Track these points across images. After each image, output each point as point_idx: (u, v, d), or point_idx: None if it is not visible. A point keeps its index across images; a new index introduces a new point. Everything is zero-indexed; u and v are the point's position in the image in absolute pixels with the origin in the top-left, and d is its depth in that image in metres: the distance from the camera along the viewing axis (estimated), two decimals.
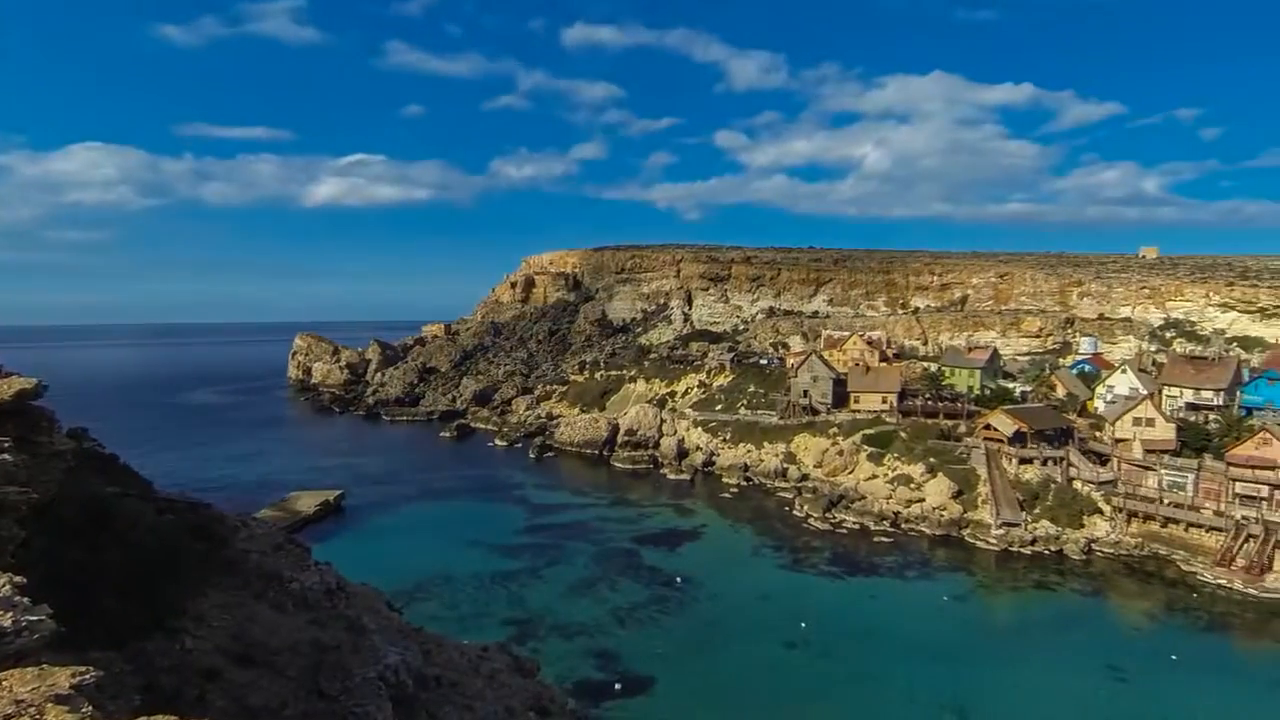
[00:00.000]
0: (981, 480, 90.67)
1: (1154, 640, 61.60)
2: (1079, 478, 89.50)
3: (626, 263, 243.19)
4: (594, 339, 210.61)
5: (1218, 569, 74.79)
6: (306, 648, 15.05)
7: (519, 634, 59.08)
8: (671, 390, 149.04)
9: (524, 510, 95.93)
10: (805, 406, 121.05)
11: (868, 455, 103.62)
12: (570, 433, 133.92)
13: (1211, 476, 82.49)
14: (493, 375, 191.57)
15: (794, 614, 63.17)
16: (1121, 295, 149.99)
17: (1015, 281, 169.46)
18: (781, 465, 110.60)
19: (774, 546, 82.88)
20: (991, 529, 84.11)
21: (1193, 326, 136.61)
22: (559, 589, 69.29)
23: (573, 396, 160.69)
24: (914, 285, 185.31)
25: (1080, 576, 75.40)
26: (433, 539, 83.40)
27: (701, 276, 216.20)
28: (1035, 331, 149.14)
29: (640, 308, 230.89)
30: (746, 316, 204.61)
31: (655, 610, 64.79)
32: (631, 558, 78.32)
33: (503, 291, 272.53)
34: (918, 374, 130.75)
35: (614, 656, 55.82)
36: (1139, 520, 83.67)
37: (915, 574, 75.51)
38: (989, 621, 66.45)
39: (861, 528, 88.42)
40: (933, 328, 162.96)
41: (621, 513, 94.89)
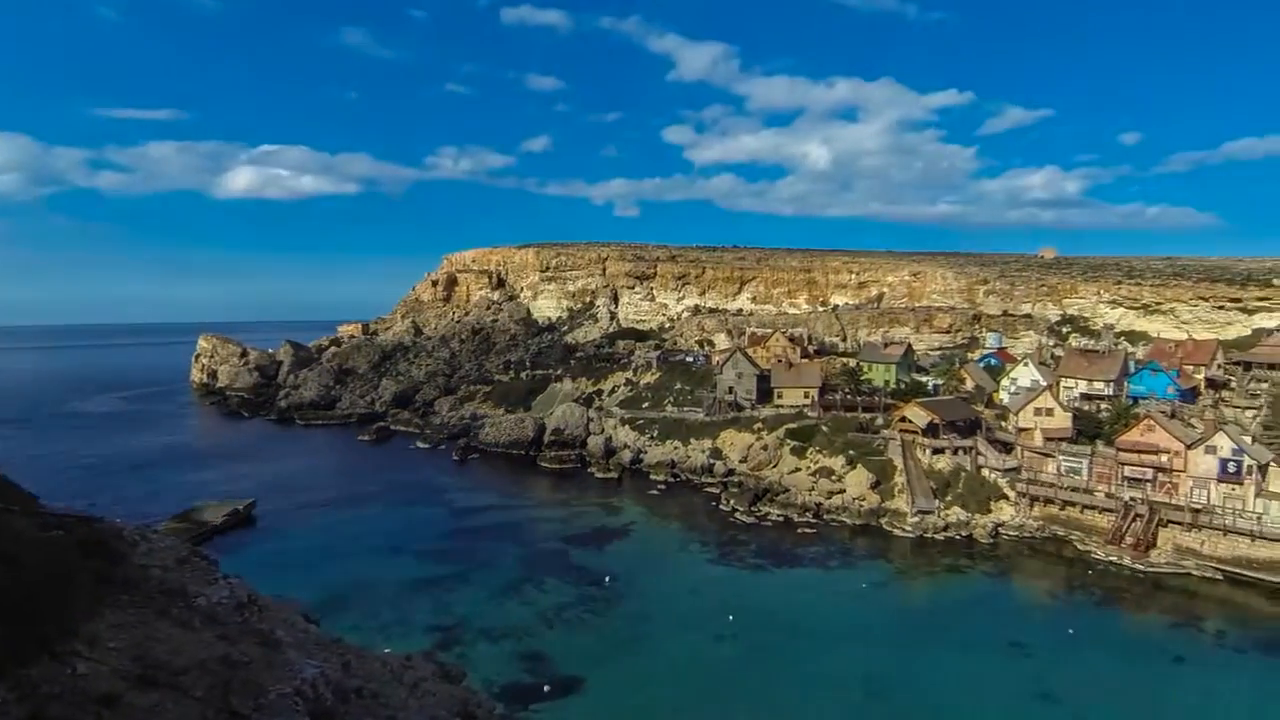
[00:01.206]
0: (898, 470, 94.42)
1: (1054, 616, 65.69)
2: (987, 465, 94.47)
3: (552, 261, 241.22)
4: (519, 338, 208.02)
5: (1109, 547, 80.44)
6: (215, 665, 14.13)
7: (444, 640, 57.75)
8: (598, 389, 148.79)
9: (448, 513, 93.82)
10: (731, 403, 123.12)
11: (791, 449, 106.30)
12: (496, 433, 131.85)
13: (1103, 461, 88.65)
14: (414, 376, 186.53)
15: (722, 607, 64.12)
16: (1023, 293, 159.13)
17: (927, 280, 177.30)
18: (708, 461, 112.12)
19: (701, 541, 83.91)
20: (907, 517, 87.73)
21: (1086, 322, 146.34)
22: (485, 593, 68.07)
23: (498, 396, 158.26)
24: (834, 283, 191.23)
25: (988, 559, 79.64)
26: (352, 546, 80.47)
27: (628, 275, 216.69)
28: (945, 327, 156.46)
29: (566, 306, 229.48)
30: (673, 314, 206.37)
31: (584, 610, 64.51)
32: (559, 558, 77.74)
33: (424, 290, 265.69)
34: (838, 369, 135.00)
35: (543, 658, 55.26)
36: (1040, 504, 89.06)
37: (837, 563, 77.93)
38: (906, 606, 69.24)
39: (786, 520, 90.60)
40: (851, 324, 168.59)
41: (549, 513, 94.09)
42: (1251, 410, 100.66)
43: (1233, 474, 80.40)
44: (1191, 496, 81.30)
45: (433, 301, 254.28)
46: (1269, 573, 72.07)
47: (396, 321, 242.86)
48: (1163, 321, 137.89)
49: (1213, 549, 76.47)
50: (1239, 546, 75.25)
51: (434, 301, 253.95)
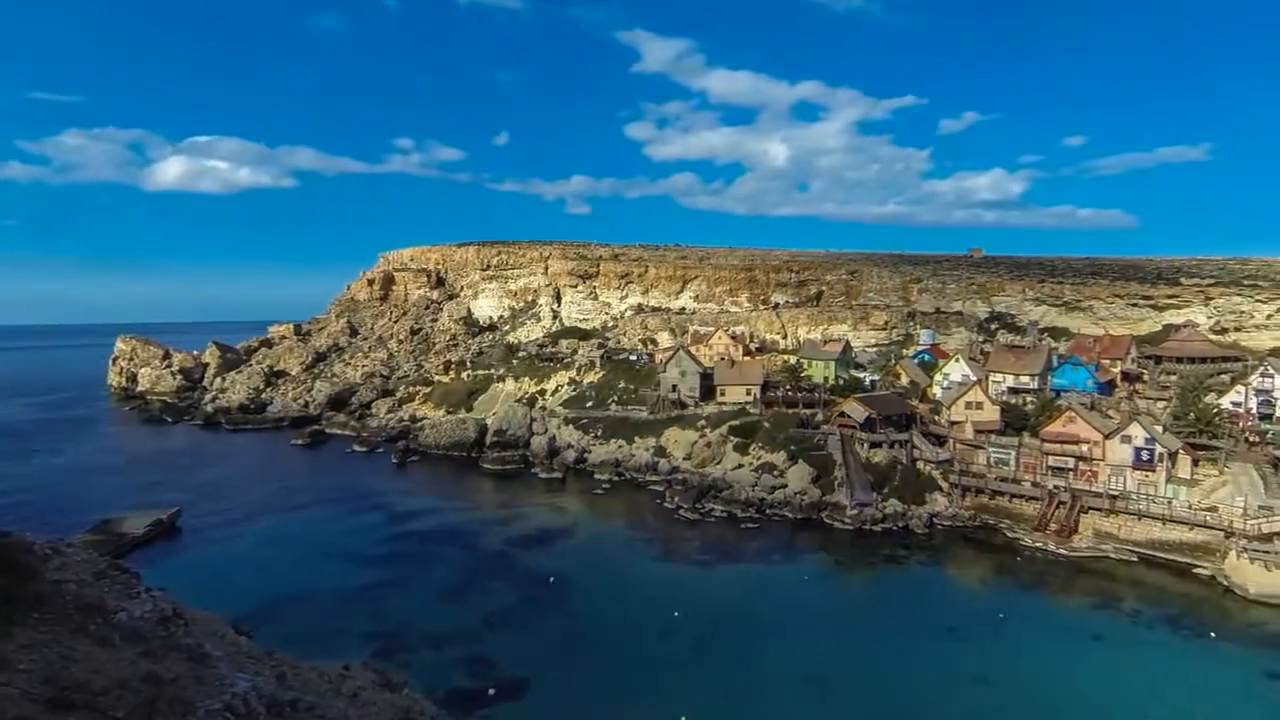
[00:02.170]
0: (837, 465, 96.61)
1: (985, 601, 68.28)
2: (921, 458, 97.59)
3: (493, 259, 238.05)
4: (459, 338, 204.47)
5: (1035, 534, 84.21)
6: (138, 684, 13.28)
7: (384, 648, 56.17)
8: (541, 388, 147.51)
9: (387, 518, 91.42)
10: (674, 401, 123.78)
11: (734, 445, 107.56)
12: (436, 435, 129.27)
13: (1029, 452, 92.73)
14: (349, 378, 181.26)
15: (667, 604, 64.34)
16: (954, 291, 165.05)
17: (864, 279, 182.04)
18: (652, 459, 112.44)
19: (646, 539, 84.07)
20: (847, 510, 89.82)
21: (1013, 318, 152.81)
22: (426, 598, 66.62)
23: (438, 398, 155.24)
24: (774, 282, 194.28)
25: (924, 548, 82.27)
26: (286, 554, 77.60)
27: (570, 274, 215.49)
28: (882, 325, 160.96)
29: (508, 305, 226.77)
30: (616, 313, 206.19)
31: (528, 611, 63.80)
32: (503, 560, 76.69)
33: (360, 289, 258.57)
34: (779, 366, 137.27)
35: (487, 663, 54.39)
36: (972, 494, 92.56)
37: (779, 557, 79.20)
38: (846, 596, 70.92)
39: (729, 516, 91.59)
40: (791, 322, 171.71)
41: (492, 515, 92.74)
42: (1162, 401, 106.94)
43: (1146, 462, 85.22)
44: (1109, 484, 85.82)
45: (369, 301, 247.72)
46: (1178, 554, 76.67)
47: (331, 321, 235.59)
48: (1082, 318, 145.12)
49: (1129, 533, 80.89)
50: (1152, 530, 79.80)
51: (370, 301, 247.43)
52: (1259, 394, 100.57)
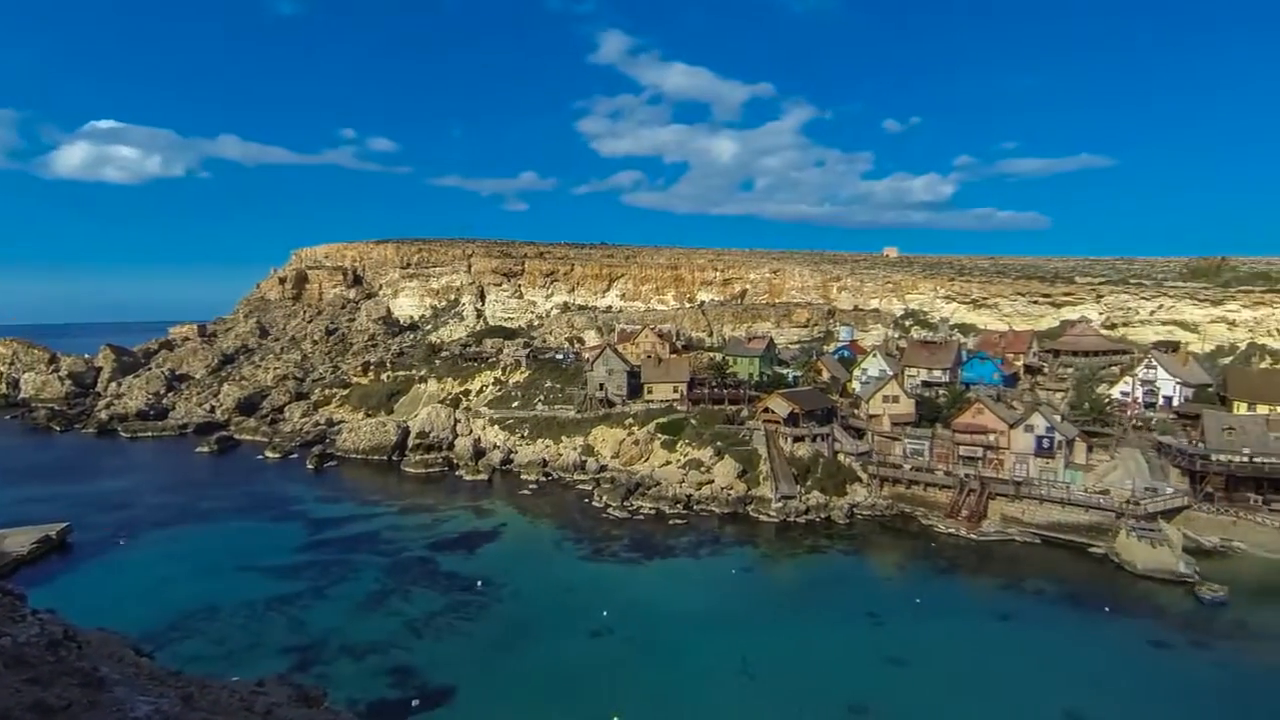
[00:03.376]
0: (762, 459, 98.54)
1: (902, 586, 71.04)
2: (842, 451, 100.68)
3: (413, 257, 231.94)
4: (378, 338, 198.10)
5: (948, 520, 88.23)
6: (25, 713, 12.09)
7: (302, 661, 53.80)
8: (465, 389, 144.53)
9: (303, 526, 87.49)
10: (602, 399, 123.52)
11: (661, 443, 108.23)
12: (355, 439, 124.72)
13: (942, 442, 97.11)
14: (260, 381, 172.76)
15: (596, 603, 64.08)
16: (871, 289, 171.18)
17: (786, 277, 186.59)
18: (580, 458, 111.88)
19: (575, 539, 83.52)
20: (772, 503, 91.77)
21: (925, 316, 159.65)
22: (346, 607, 64.10)
23: (356, 400, 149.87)
24: (700, 280, 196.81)
25: (845, 538, 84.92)
26: (192, 568, 73.13)
27: (494, 272, 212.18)
28: (803, 322, 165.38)
29: (430, 304, 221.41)
30: (541, 312, 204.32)
31: (455, 617, 62.30)
32: (427, 565, 74.64)
33: (270, 288, 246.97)
34: (705, 364, 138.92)
35: (411, 671, 52.77)
36: (889, 484, 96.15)
37: (707, 551, 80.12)
38: (772, 587, 72.35)
39: (658, 512, 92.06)
40: (717, 320, 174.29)
41: (415, 519, 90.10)
42: (1060, 392, 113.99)
43: (1046, 449, 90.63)
44: (1014, 471, 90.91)
45: (281, 300, 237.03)
46: (1076, 534, 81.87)
47: (239, 322, 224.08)
48: (988, 315, 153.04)
49: (1032, 516, 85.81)
50: (1053, 513, 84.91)
51: (282, 300, 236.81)
52: (1144, 384, 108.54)
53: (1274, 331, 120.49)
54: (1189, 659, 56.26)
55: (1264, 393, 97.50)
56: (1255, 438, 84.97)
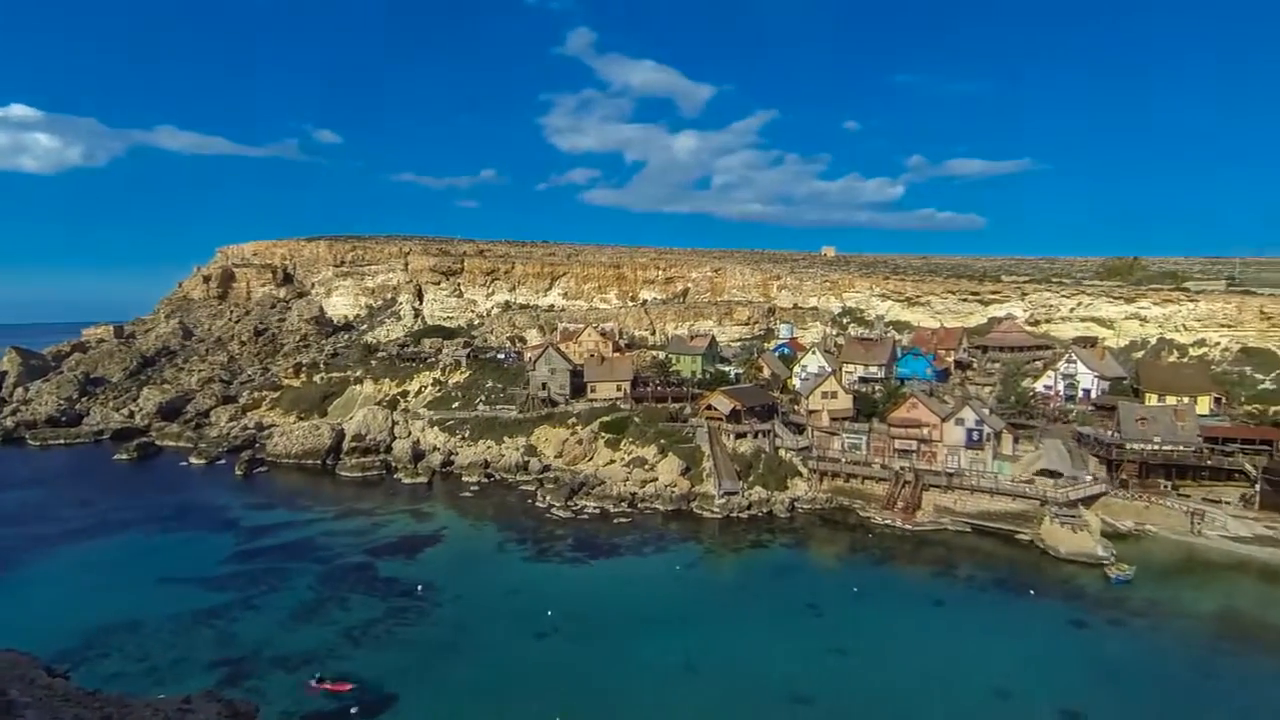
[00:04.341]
0: (705, 456, 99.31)
1: (842, 577, 72.68)
2: (783, 446, 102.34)
3: (347, 255, 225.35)
4: (311, 338, 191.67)
5: (885, 512, 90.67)
6: None
7: (232, 675, 51.54)
8: (403, 390, 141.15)
9: (232, 535, 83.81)
10: (544, 399, 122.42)
11: (605, 442, 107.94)
12: (286, 443, 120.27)
13: (878, 437, 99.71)
14: (184, 384, 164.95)
15: (541, 604, 63.41)
16: (810, 288, 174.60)
17: (728, 276, 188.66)
18: (523, 458, 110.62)
19: (518, 540, 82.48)
20: (715, 499, 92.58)
21: (862, 313, 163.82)
22: (279, 617, 61.67)
23: (288, 403, 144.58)
24: (642, 279, 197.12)
25: (787, 532, 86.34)
26: (109, 583, 69.20)
27: (432, 270, 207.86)
28: (745, 320, 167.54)
29: (365, 303, 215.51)
30: (482, 311, 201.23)
31: (395, 623, 60.67)
32: (365, 572, 72.48)
33: (194, 287, 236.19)
34: (648, 362, 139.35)
35: (348, 680, 51.09)
36: (829, 478, 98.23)
37: (652, 549, 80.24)
38: (716, 582, 72.91)
39: (602, 511, 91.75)
40: (659, 318, 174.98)
41: (352, 524, 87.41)
42: (988, 386, 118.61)
43: (976, 441, 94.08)
44: (946, 463, 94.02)
45: (205, 299, 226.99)
46: (1004, 522, 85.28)
47: (160, 323, 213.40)
48: (922, 312, 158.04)
49: (963, 506, 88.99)
50: (982, 502, 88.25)
51: (207, 299, 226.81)
52: (1064, 378, 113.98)
53: (1181, 327, 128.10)
54: (1106, 636, 59.27)
55: (1173, 384, 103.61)
56: (1165, 427, 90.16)
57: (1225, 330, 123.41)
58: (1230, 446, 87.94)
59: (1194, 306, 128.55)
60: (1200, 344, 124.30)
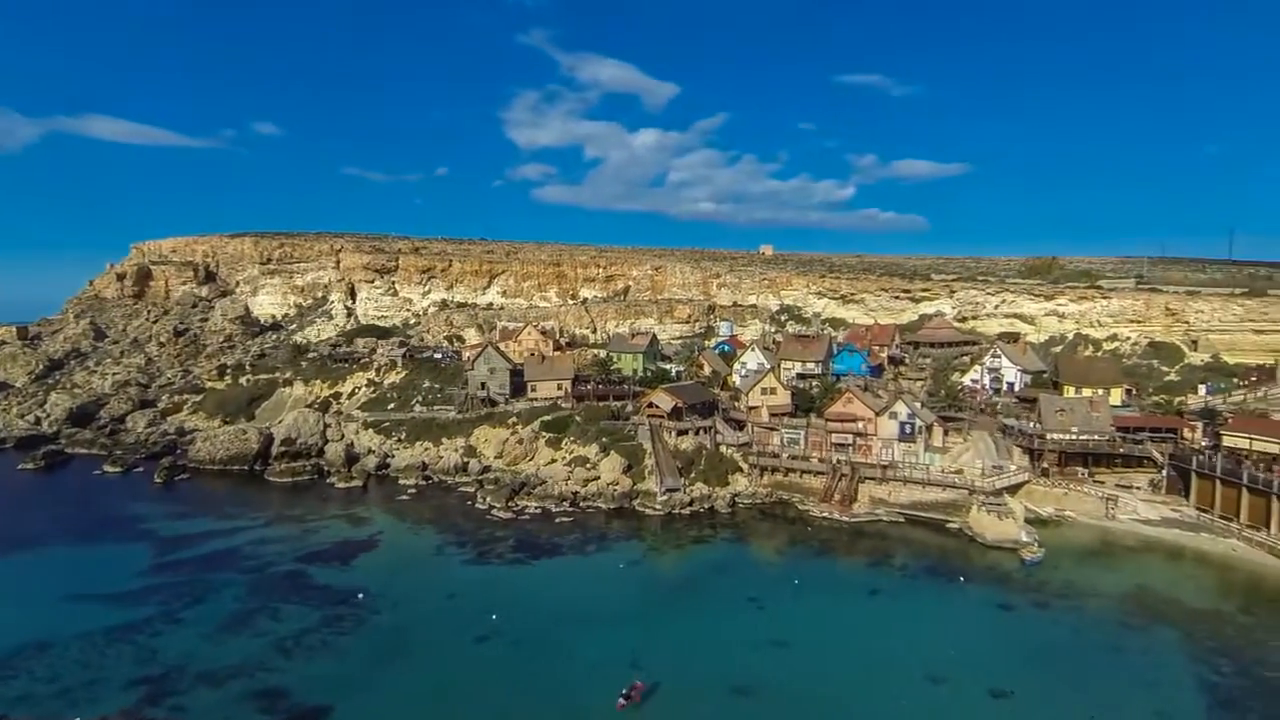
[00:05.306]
0: (647, 453, 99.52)
1: (782, 570, 73.96)
2: (724, 443, 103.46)
3: (274, 252, 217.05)
4: (236, 339, 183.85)
5: (823, 505, 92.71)
6: None
7: (152, 694, 48.86)
8: (336, 392, 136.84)
9: (150, 546, 79.42)
10: (484, 399, 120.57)
11: (546, 441, 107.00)
12: (210, 448, 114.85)
13: (816, 431, 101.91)
14: (96, 388, 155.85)
15: (483, 607, 62.33)
16: (749, 286, 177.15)
17: (668, 274, 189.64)
18: (462, 460, 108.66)
19: (458, 543, 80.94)
20: (657, 496, 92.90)
21: (799, 311, 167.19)
22: (204, 630, 58.78)
23: (211, 406, 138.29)
24: (582, 277, 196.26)
25: (728, 527, 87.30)
26: (15, 600, 64.72)
27: (366, 268, 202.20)
28: (685, 318, 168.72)
29: (294, 302, 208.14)
30: (418, 310, 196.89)
31: (330, 632, 58.61)
32: (297, 580, 69.83)
33: (106, 285, 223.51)
34: (589, 360, 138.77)
35: (280, 694, 49.13)
36: (769, 473, 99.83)
37: (595, 548, 79.90)
38: (659, 579, 73.09)
39: (544, 511, 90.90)
40: (600, 316, 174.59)
41: (282, 531, 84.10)
42: (920, 381, 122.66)
43: (908, 434, 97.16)
44: (881, 455, 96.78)
45: (120, 299, 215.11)
46: (935, 512, 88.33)
47: (68, 323, 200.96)
48: (856, 309, 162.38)
49: (897, 497, 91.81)
50: (915, 493, 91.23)
51: (122, 299, 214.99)
52: (990, 372, 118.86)
53: (1095, 323, 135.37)
54: (1029, 618, 62.09)
55: (1088, 377, 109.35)
56: (1081, 417, 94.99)
57: (1135, 326, 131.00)
58: (1140, 435, 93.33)
59: (1107, 304, 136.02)
60: (1113, 339, 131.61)
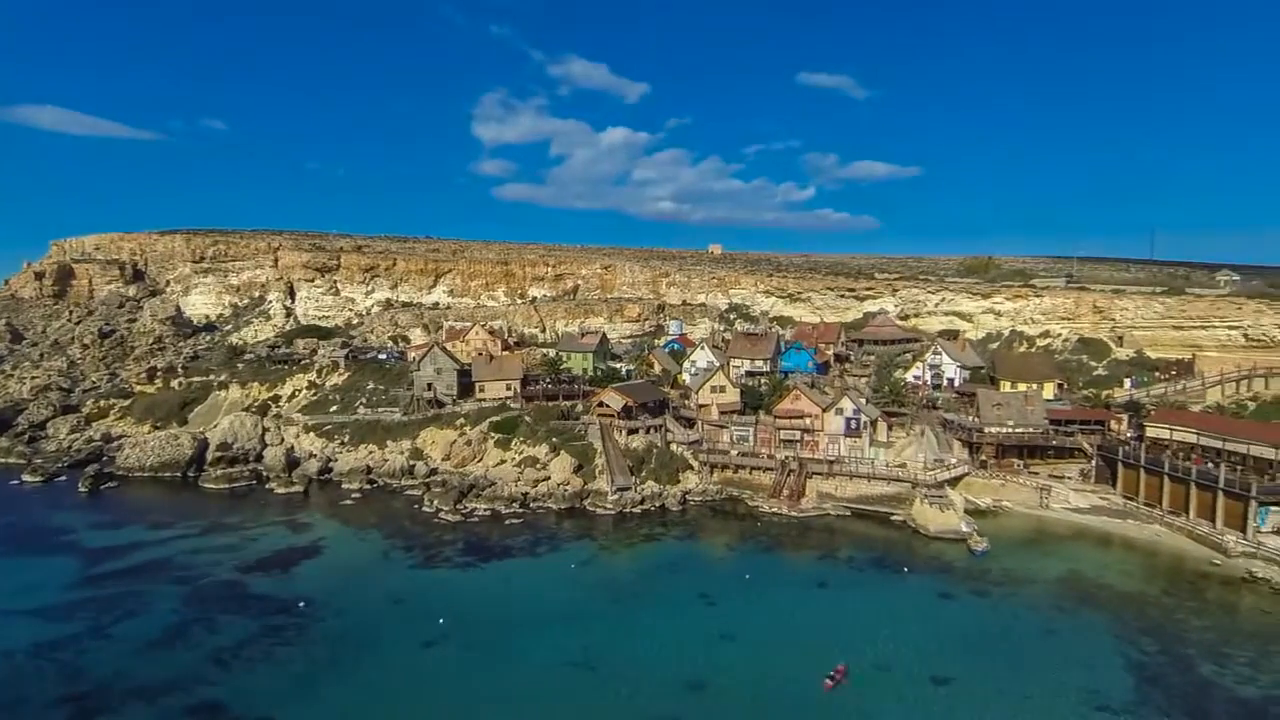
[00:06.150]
0: (598, 453, 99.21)
1: (733, 565, 74.68)
2: (674, 440, 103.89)
3: (208, 250, 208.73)
4: (167, 340, 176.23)
5: (772, 500, 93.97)
6: None
7: (79, 713, 46.63)
8: (275, 394, 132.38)
9: (76, 558, 75.43)
10: (430, 400, 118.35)
11: (495, 442, 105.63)
12: (140, 455, 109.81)
13: (764, 428, 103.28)
14: (14, 393, 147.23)
15: (431, 611, 61.17)
16: (698, 284, 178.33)
17: (617, 273, 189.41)
18: (408, 462, 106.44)
19: (405, 547, 79.23)
20: (608, 495, 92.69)
21: (747, 309, 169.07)
22: (136, 645, 56.14)
23: (141, 411, 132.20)
24: (531, 276, 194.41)
25: (679, 524, 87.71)
26: None
27: (306, 266, 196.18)
28: (635, 317, 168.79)
29: (229, 302, 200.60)
30: (361, 309, 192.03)
31: (271, 643, 56.64)
32: (235, 590, 67.30)
33: (23, 284, 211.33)
34: (538, 360, 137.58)
35: (218, 708, 47.31)
36: (719, 470, 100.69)
37: (545, 549, 79.25)
38: (611, 578, 72.84)
39: (493, 513, 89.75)
40: (549, 316, 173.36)
41: (219, 540, 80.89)
42: (865, 377, 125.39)
43: (854, 430, 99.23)
44: (828, 451, 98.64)
45: (39, 299, 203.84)
46: (880, 505, 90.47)
47: None
48: (803, 308, 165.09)
49: (843, 491, 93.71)
50: (861, 487, 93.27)
51: (40, 299, 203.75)
52: (931, 368, 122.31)
53: (1029, 320, 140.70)
54: (969, 605, 64.20)
55: (1023, 372, 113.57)
56: (1017, 411, 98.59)
57: (1065, 323, 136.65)
58: (1071, 427, 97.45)
59: (1039, 301, 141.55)
60: (1045, 335, 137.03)
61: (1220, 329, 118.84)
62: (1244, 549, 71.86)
